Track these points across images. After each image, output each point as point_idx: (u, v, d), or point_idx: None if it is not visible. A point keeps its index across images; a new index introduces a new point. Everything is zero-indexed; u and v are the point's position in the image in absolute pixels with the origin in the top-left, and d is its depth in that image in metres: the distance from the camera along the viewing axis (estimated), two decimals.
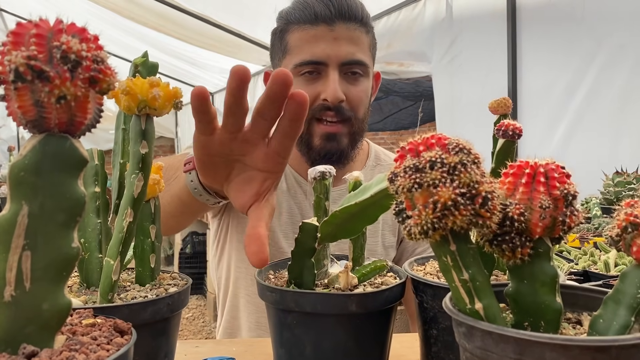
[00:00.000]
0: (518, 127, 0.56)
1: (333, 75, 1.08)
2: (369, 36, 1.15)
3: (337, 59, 1.08)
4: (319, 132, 1.11)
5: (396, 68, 3.66)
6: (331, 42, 1.08)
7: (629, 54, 2.26)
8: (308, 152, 1.14)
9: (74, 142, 0.39)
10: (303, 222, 0.63)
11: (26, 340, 0.38)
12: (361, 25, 1.12)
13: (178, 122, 8.65)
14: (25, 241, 0.37)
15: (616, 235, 0.44)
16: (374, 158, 1.29)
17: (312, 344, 0.61)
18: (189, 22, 4.77)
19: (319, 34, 1.08)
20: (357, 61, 1.10)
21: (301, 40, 1.10)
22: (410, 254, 1.21)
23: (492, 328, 0.40)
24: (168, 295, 0.57)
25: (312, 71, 1.10)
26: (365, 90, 1.14)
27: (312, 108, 1.10)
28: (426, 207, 0.42)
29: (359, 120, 1.14)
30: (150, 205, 0.63)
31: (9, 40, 0.37)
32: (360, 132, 1.15)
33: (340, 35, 1.08)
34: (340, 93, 1.08)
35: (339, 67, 1.09)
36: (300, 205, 1.21)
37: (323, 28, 1.08)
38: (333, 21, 1.08)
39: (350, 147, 1.14)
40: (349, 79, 1.11)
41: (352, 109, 1.12)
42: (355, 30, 1.10)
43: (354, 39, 1.10)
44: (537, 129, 2.54)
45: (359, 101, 1.13)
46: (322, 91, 1.09)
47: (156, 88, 0.52)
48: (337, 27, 1.08)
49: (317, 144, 1.12)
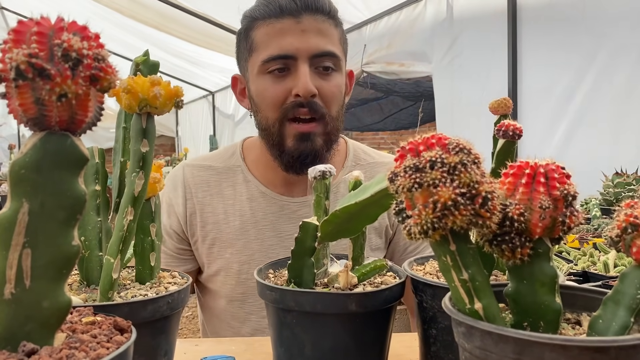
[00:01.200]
0: (518, 127, 0.56)
1: (303, 68, 1.03)
2: (338, 30, 1.09)
3: (306, 51, 1.03)
4: (291, 133, 1.05)
5: (397, 68, 3.66)
6: (299, 34, 1.03)
7: (629, 54, 2.26)
8: (280, 155, 1.08)
9: (75, 140, 0.39)
10: (303, 221, 0.63)
11: (26, 338, 0.38)
12: (329, 18, 1.07)
13: (178, 121, 8.66)
14: (25, 239, 0.37)
15: (616, 236, 0.44)
16: (353, 158, 1.22)
17: (312, 343, 0.61)
18: (190, 21, 4.77)
19: (286, 27, 1.03)
20: (328, 52, 1.05)
21: (267, 35, 1.05)
22: (401, 253, 1.19)
23: (491, 328, 0.40)
24: (168, 294, 0.57)
25: (282, 67, 1.04)
26: (338, 85, 1.08)
27: (284, 107, 1.04)
28: (426, 206, 0.42)
29: (332, 119, 1.07)
30: (150, 204, 0.63)
31: (10, 38, 0.37)
32: (335, 131, 1.09)
33: (308, 27, 1.04)
34: (311, 86, 1.02)
35: (309, 60, 1.04)
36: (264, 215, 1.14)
37: (289, 21, 1.03)
38: (299, 13, 1.03)
39: (325, 147, 1.08)
40: (321, 73, 1.06)
41: (326, 105, 1.06)
42: (323, 22, 1.05)
43: (322, 30, 1.05)
44: (537, 130, 2.54)
45: (332, 96, 1.07)
46: (293, 87, 1.03)
47: (157, 87, 0.52)
48: (303, 19, 1.03)
49: (290, 145, 1.06)
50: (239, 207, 1.15)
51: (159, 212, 0.64)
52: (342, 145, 1.24)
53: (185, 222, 1.16)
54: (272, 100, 1.05)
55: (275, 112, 1.06)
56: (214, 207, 1.16)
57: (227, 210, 1.15)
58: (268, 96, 1.06)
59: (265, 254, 1.12)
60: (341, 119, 1.12)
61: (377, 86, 4.38)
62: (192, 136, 8.12)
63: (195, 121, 7.92)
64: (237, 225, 1.14)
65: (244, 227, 1.14)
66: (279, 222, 1.14)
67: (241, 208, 1.15)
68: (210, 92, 7.19)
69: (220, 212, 1.15)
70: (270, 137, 1.08)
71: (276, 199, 1.15)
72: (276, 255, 1.10)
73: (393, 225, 1.19)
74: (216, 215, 1.15)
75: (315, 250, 0.63)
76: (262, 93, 1.07)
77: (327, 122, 1.07)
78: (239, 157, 1.20)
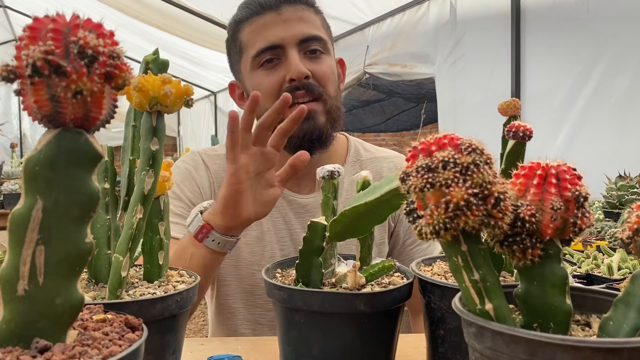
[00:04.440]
0: (528, 128, 0.56)
1: (292, 53, 1.07)
2: (319, 16, 1.14)
3: (292, 38, 1.08)
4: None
5: (399, 69, 3.66)
6: (282, 24, 1.08)
7: (632, 56, 2.26)
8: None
9: (89, 138, 0.39)
10: (312, 220, 0.63)
11: (39, 335, 0.38)
12: (308, 6, 1.12)
13: (180, 121, 8.66)
14: (39, 235, 0.37)
15: (627, 238, 0.44)
16: (354, 154, 1.25)
17: (319, 342, 0.61)
18: (192, 20, 4.78)
19: (268, 21, 1.09)
20: (313, 36, 1.09)
21: (253, 32, 1.10)
22: (400, 245, 1.21)
23: (503, 329, 0.40)
24: (177, 292, 0.57)
25: (271, 58, 1.08)
26: (329, 66, 1.12)
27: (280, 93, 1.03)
28: (438, 207, 0.42)
29: (331, 97, 1.10)
30: (159, 202, 0.63)
31: (25, 35, 0.37)
32: (335, 110, 1.12)
33: (289, 17, 1.09)
34: (303, 67, 1.06)
35: (297, 47, 1.08)
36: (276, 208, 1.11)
37: (271, 15, 1.09)
38: (278, 6, 1.08)
39: (330, 125, 1.10)
40: (310, 57, 1.10)
41: (321, 85, 1.09)
42: (302, 10, 1.10)
43: (303, 17, 1.10)
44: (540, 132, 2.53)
45: (325, 77, 1.10)
46: (285, 73, 1.07)
47: (168, 85, 0.52)
48: (284, 11, 1.09)
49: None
50: None
51: (167, 211, 0.64)
52: (343, 141, 1.27)
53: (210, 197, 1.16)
54: (267, 90, 1.08)
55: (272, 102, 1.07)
56: None
57: None
58: (263, 88, 1.08)
59: (278, 247, 1.15)
60: (339, 99, 1.14)
61: (379, 87, 4.38)
62: (193, 136, 8.12)
63: (197, 121, 7.92)
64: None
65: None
66: (288, 216, 1.17)
67: None
68: (212, 92, 7.20)
69: None
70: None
71: (285, 194, 1.16)
72: (287, 249, 1.14)
73: (395, 219, 1.21)
74: None
75: (323, 250, 0.63)
76: (257, 87, 1.10)
77: (325, 100, 1.09)
78: None
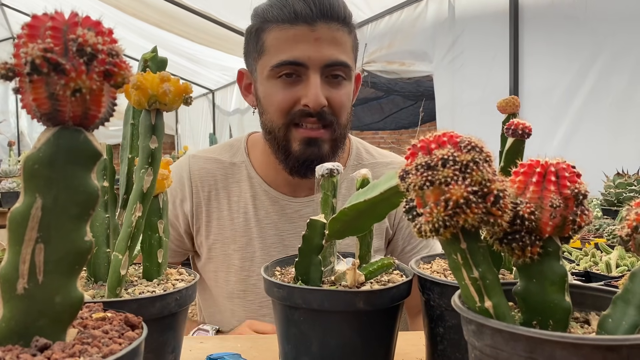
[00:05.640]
0: (528, 126, 0.56)
1: (314, 78, 1.02)
2: (351, 37, 1.08)
3: (319, 61, 1.02)
4: (298, 137, 1.05)
5: (397, 67, 3.66)
6: (312, 43, 1.01)
7: (630, 55, 2.26)
8: (286, 159, 1.07)
9: (88, 136, 0.39)
10: (311, 218, 0.63)
11: (39, 333, 0.38)
12: (343, 25, 1.05)
13: (178, 119, 8.65)
14: (38, 234, 0.37)
15: (626, 235, 0.44)
16: (355, 157, 1.22)
17: (319, 340, 0.61)
18: (191, 18, 4.77)
19: (299, 34, 1.01)
20: (340, 62, 1.04)
21: (279, 40, 1.03)
22: (398, 252, 1.20)
23: (502, 326, 0.40)
24: (176, 290, 0.57)
25: (291, 73, 1.03)
26: (347, 94, 1.08)
27: (292, 113, 1.04)
28: (438, 204, 0.42)
29: (341, 126, 1.07)
30: (158, 201, 0.63)
31: (24, 32, 0.37)
32: (342, 138, 1.09)
33: (322, 35, 1.02)
34: (322, 98, 1.01)
35: (320, 70, 1.02)
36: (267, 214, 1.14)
37: (303, 28, 1.01)
38: (314, 21, 1.01)
39: (331, 153, 1.07)
40: (331, 82, 1.05)
41: (334, 113, 1.05)
42: (337, 30, 1.03)
43: (336, 39, 1.03)
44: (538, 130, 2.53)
45: (342, 106, 1.06)
46: (302, 95, 1.02)
47: (167, 83, 0.52)
48: (318, 27, 1.01)
49: (296, 149, 1.05)
50: (243, 204, 1.15)
51: (166, 209, 0.64)
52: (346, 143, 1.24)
53: (191, 216, 1.16)
54: (279, 106, 1.05)
55: (281, 118, 1.05)
56: (219, 203, 1.16)
57: (231, 207, 1.15)
58: (276, 101, 1.05)
59: (266, 252, 1.13)
60: (349, 126, 1.12)
61: (377, 85, 4.38)
62: (192, 134, 8.12)
63: (195, 119, 7.92)
64: (241, 222, 1.14)
65: (247, 225, 1.14)
66: (280, 221, 1.14)
67: (245, 205, 1.15)
68: (210, 90, 7.20)
69: (224, 208, 1.15)
70: (275, 140, 1.08)
71: (279, 198, 1.15)
72: (277, 254, 1.11)
73: (393, 226, 1.19)
74: (221, 211, 1.15)
75: (322, 248, 0.63)
76: (270, 97, 1.06)
77: (335, 129, 1.06)
78: (243, 153, 1.19)
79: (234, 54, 5.24)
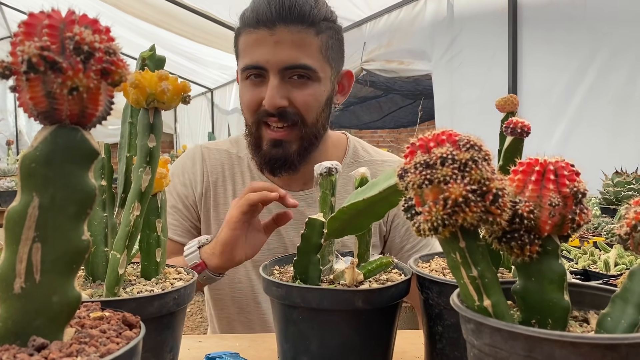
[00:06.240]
0: (527, 124, 0.56)
1: (272, 81, 1.04)
2: (319, 37, 1.07)
3: (276, 64, 1.04)
4: (266, 137, 1.10)
5: (396, 66, 3.66)
6: (271, 46, 1.04)
7: (629, 53, 2.26)
8: (256, 156, 1.14)
9: (85, 134, 0.38)
10: (310, 217, 0.63)
11: (36, 333, 0.38)
12: (308, 27, 1.05)
13: (177, 118, 8.64)
14: (35, 233, 0.37)
15: (625, 234, 0.44)
16: (352, 155, 1.24)
17: (317, 339, 0.61)
18: (189, 17, 4.76)
19: (260, 38, 1.04)
20: (299, 65, 1.05)
21: (246, 44, 1.08)
22: (397, 251, 1.20)
23: (501, 325, 0.40)
24: (174, 290, 0.57)
25: (257, 74, 1.07)
26: (313, 94, 1.08)
27: (258, 112, 1.08)
28: (436, 203, 0.41)
29: (307, 126, 1.08)
30: (156, 199, 0.63)
31: (21, 30, 0.37)
32: (312, 137, 1.11)
33: (281, 39, 1.03)
34: (277, 100, 1.04)
35: (279, 73, 1.04)
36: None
37: (263, 32, 1.04)
38: (273, 24, 1.03)
39: (298, 153, 1.10)
40: (294, 82, 1.06)
41: (298, 113, 1.07)
42: (298, 32, 1.04)
43: (296, 42, 1.04)
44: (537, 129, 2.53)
45: (305, 105, 1.07)
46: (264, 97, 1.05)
47: (165, 81, 0.52)
48: (277, 31, 1.03)
49: (264, 148, 1.11)
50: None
51: (164, 208, 0.64)
52: (343, 141, 1.26)
53: (200, 197, 1.20)
54: (247, 106, 1.10)
55: (251, 116, 1.11)
56: (225, 190, 1.21)
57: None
58: (245, 101, 1.11)
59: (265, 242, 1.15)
60: (322, 124, 1.13)
61: (376, 84, 4.38)
62: (190, 133, 8.11)
63: (194, 118, 7.91)
64: None
65: None
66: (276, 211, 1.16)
67: None
68: (208, 89, 7.18)
69: (229, 196, 1.20)
70: (250, 136, 1.14)
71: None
72: (273, 243, 1.16)
73: (387, 223, 1.20)
74: (227, 197, 1.20)
75: (321, 247, 0.63)
76: (242, 97, 1.12)
77: (301, 128, 1.08)
78: (245, 147, 1.23)
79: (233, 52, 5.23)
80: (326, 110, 1.13)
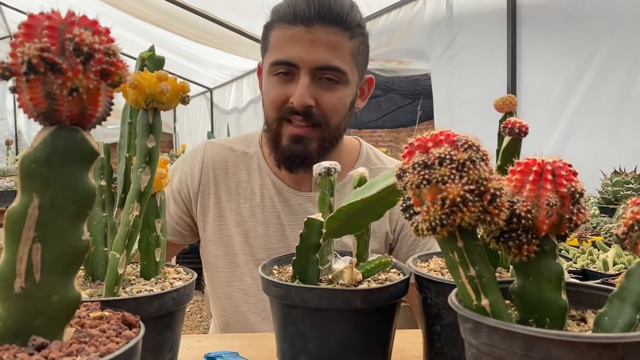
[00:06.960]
0: (525, 124, 0.56)
1: (303, 79, 1.04)
2: (352, 42, 1.08)
3: (310, 63, 1.04)
4: (287, 133, 1.09)
5: (395, 66, 3.66)
6: (307, 44, 1.04)
7: (627, 53, 2.26)
8: (275, 151, 1.13)
9: (85, 135, 0.39)
10: (308, 217, 0.63)
11: (36, 332, 0.38)
12: (343, 30, 1.05)
13: (176, 118, 8.64)
14: (35, 233, 0.37)
15: (622, 234, 0.44)
16: (364, 161, 1.24)
17: (316, 338, 0.62)
18: (189, 18, 4.76)
19: (296, 35, 1.04)
20: (332, 67, 1.05)
21: (279, 39, 1.07)
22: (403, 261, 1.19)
23: (499, 324, 0.41)
24: (174, 289, 0.57)
25: (286, 72, 1.06)
26: (341, 97, 1.09)
27: (282, 109, 1.08)
28: (434, 203, 0.42)
29: (331, 128, 1.09)
30: (156, 199, 0.63)
31: (20, 32, 0.37)
32: (333, 139, 1.11)
33: (317, 38, 1.03)
34: (307, 99, 1.04)
35: (311, 72, 1.05)
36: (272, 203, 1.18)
37: (300, 29, 1.04)
38: (311, 23, 1.03)
39: (318, 152, 1.10)
40: (323, 84, 1.07)
41: (323, 115, 1.07)
42: (334, 34, 1.04)
43: (331, 43, 1.04)
44: (535, 129, 2.54)
45: (332, 108, 1.08)
46: (292, 94, 1.05)
47: (164, 82, 0.52)
48: (314, 30, 1.03)
49: (284, 144, 1.10)
50: (250, 191, 1.20)
51: (164, 208, 0.64)
52: (356, 146, 1.27)
53: (197, 191, 1.21)
54: (272, 101, 1.09)
55: (274, 112, 1.10)
56: (228, 187, 1.21)
57: (239, 192, 1.20)
58: (270, 96, 1.10)
59: (267, 239, 1.17)
60: (342, 128, 1.13)
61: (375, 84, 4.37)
62: (189, 133, 8.12)
63: (193, 118, 7.91)
64: (246, 207, 1.19)
65: (253, 211, 1.19)
66: (283, 211, 1.18)
67: (252, 192, 1.20)
68: (208, 88, 7.19)
69: (233, 192, 1.20)
70: (269, 132, 1.13)
71: (284, 190, 1.19)
72: (276, 243, 1.17)
73: (394, 231, 1.20)
74: (229, 194, 1.20)
75: (320, 246, 0.64)
76: (267, 92, 1.11)
77: (323, 129, 1.09)
78: (257, 145, 1.24)
79: (232, 52, 5.24)
80: (349, 114, 1.14)
